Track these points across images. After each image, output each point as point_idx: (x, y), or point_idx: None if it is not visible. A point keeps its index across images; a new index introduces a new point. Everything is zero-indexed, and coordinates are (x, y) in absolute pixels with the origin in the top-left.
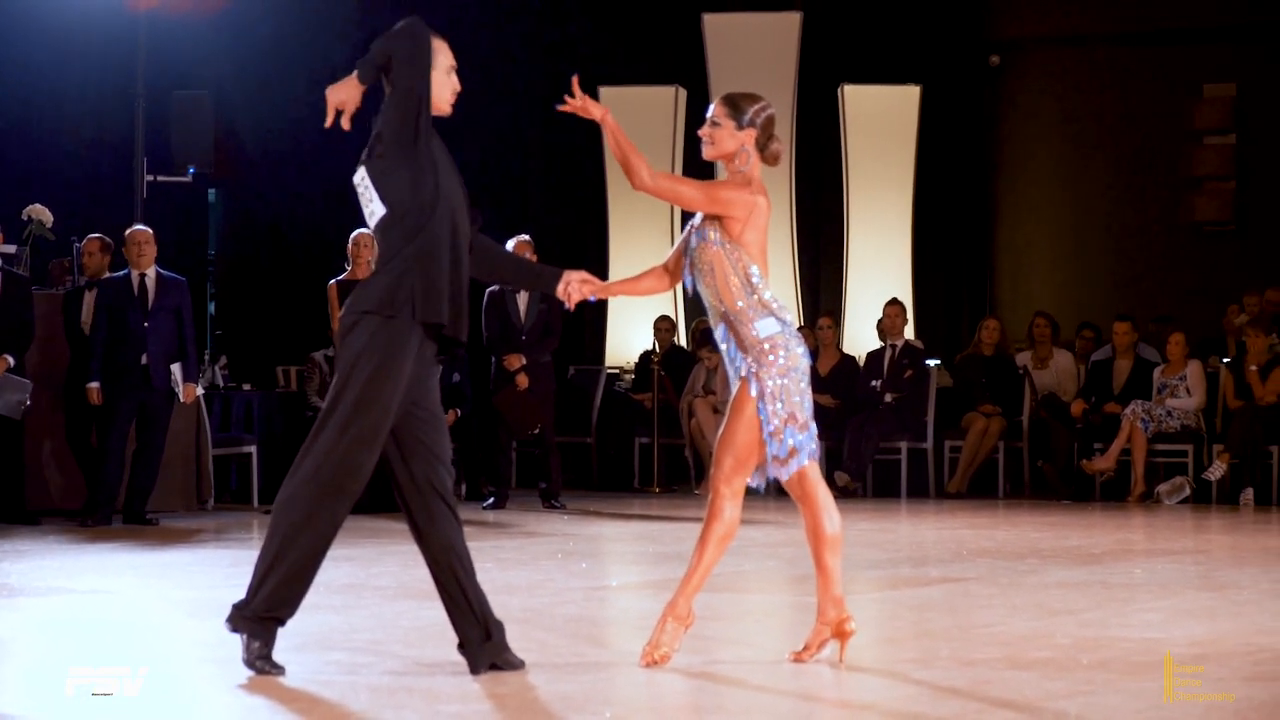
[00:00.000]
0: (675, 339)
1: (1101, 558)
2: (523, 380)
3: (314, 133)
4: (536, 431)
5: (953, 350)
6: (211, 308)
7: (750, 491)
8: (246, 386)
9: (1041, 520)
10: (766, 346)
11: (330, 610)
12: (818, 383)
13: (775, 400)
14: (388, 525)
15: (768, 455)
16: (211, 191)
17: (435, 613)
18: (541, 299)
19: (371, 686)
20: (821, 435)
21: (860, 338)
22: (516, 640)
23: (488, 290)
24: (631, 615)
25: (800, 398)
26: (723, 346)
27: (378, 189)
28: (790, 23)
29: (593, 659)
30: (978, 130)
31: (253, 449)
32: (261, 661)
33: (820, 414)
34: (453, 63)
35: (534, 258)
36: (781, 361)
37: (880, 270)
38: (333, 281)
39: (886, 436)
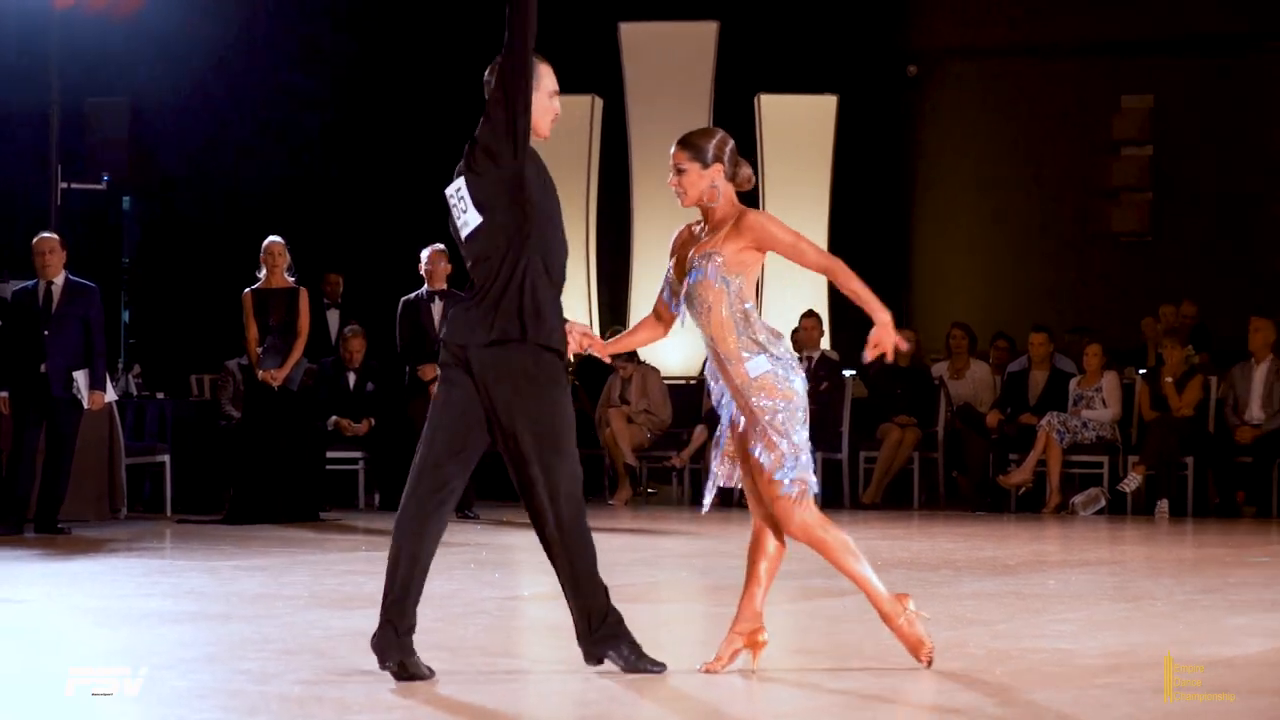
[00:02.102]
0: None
1: (1016, 569)
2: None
3: (229, 141)
4: None
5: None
6: (125, 316)
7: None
8: (160, 395)
9: (956, 531)
10: (755, 387)
11: (242, 620)
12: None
13: (773, 436)
14: (299, 535)
15: (778, 492)
16: (126, 199)
17: (346, 621)
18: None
19: (282, 696)
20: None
21: None
22: (427, 650)
23: (402, 299)
24: (543, 625)
25: (799, 427)
26: (712, 384)
27: (474, 201)
28: (707, 32)
29: (504, 668)
30: (895, 140)
31: (166, 458)
32: (645, 661)
33: None
34: (555, 87)
35: (449, 267)
36: (769, 402)
37: (796, 281)
38: (247, 290)
39: None
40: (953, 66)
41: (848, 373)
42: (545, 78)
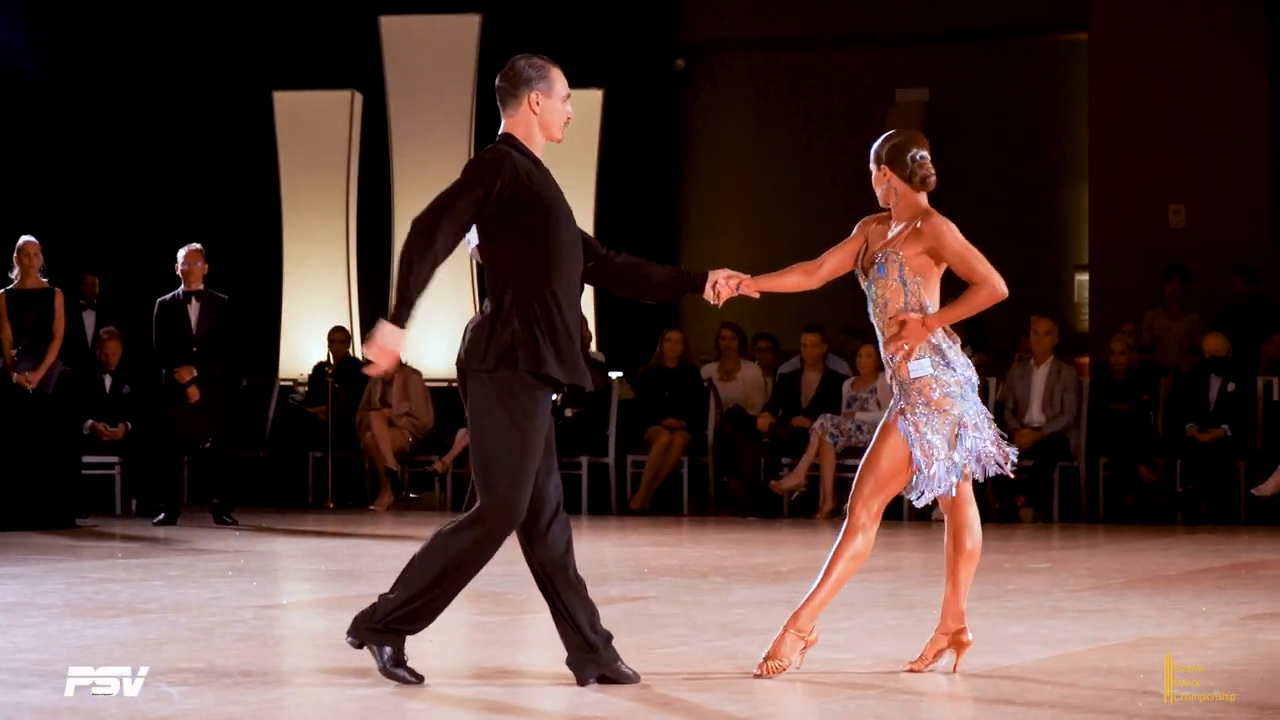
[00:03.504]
0: (350, 350)
1: (788, 576)
2: (194, 392)
3: None
4: (208, 445)
5: (635, 362)
6: None
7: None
8: None
9: (727, 538)
10: (914, 388)
11: None
12: None
13: (927, 434)
14: (55, 542)
15: (933, 486)
16: None
17: (101, 631)
18: (213, 309)
19: (35, 707)
20: None
21: None
22: (183, 660)
23: (159, 300)
24: (303, 633)
25: (939, 435)
26: (887, 371)
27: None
28: (469, 25)
29: (261, 679)
30: (663, 136)
31: None
32: (402, 670)
33: None
34: (567, 91)
35: (205, 267)
36: (921, 405)
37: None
38: (0, 291)
39: (567, 452)
40: (722, 59)
41: (615, 374)
42: (557, 82)
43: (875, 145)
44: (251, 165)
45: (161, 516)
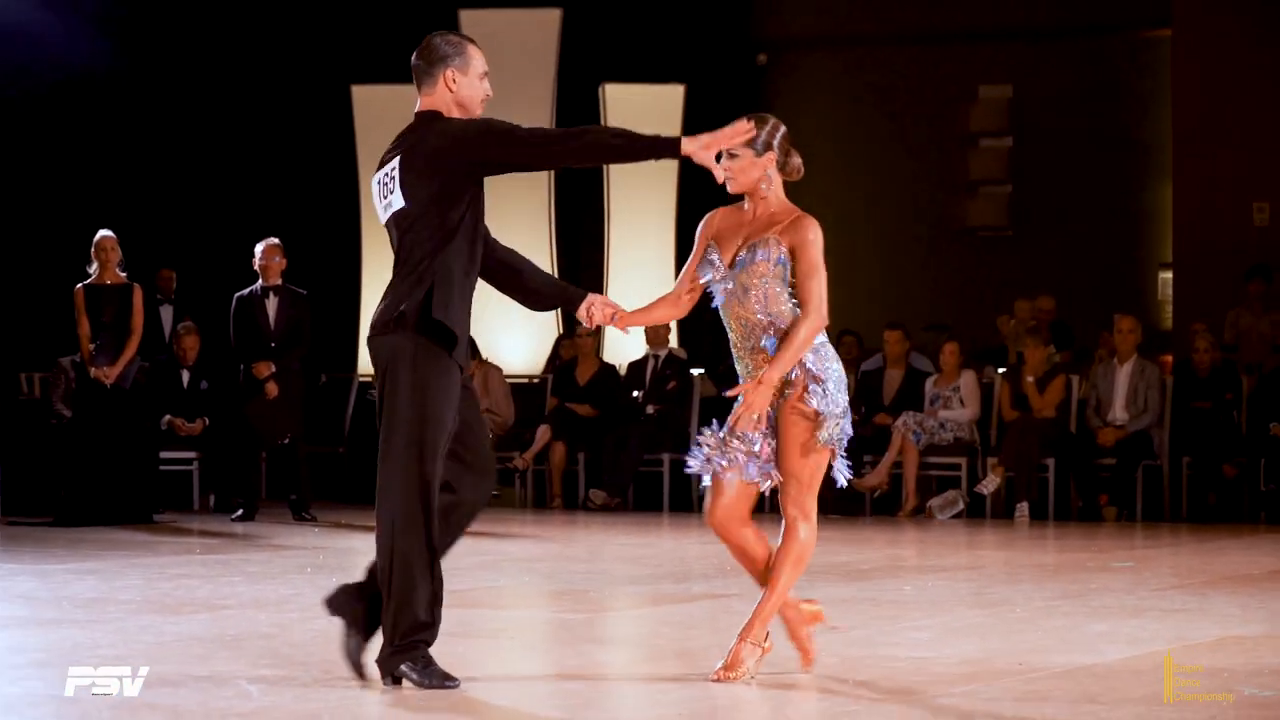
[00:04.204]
0: None
1: (871, 574)
2: (272, 388)
3: (59, 132)
4: (286, 441)
5: (717, 360)
6: None
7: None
8: None
9: None
10: (816, 342)
11: (73, 625)
12: (576, 392)
13: (829, 386)
14: (132, 537)
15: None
16: None
17: (180, 627)
18: (292, 305)
19: (113, 704)
20: (581, 448)
21: (621, 346)
22: (262, 657)
23: (236, 295)
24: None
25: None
26: (740, 369)
27: (403, 185)
28: (550, 20)
29: (341, 676)
30: None
31: None
32: (437, 679)
33: (579, 425)
34: (485, 69)
35: (283, 261)
36: (822, 354)
37: (642, 276)
38: (79, 286)
39: (649, 449)
40: (804, 56)
41: (696, 371)
42: (474, 59)
43: (756, 128)
44: (330, 159)
45: (240, 512)
